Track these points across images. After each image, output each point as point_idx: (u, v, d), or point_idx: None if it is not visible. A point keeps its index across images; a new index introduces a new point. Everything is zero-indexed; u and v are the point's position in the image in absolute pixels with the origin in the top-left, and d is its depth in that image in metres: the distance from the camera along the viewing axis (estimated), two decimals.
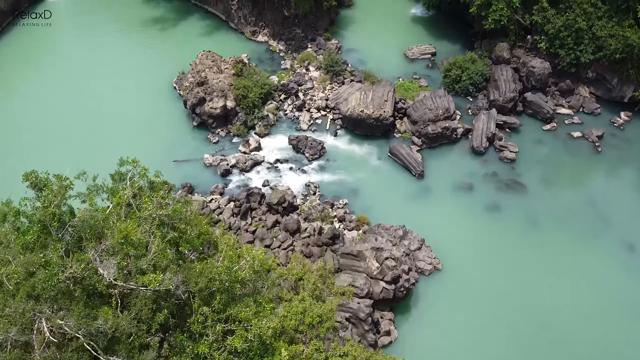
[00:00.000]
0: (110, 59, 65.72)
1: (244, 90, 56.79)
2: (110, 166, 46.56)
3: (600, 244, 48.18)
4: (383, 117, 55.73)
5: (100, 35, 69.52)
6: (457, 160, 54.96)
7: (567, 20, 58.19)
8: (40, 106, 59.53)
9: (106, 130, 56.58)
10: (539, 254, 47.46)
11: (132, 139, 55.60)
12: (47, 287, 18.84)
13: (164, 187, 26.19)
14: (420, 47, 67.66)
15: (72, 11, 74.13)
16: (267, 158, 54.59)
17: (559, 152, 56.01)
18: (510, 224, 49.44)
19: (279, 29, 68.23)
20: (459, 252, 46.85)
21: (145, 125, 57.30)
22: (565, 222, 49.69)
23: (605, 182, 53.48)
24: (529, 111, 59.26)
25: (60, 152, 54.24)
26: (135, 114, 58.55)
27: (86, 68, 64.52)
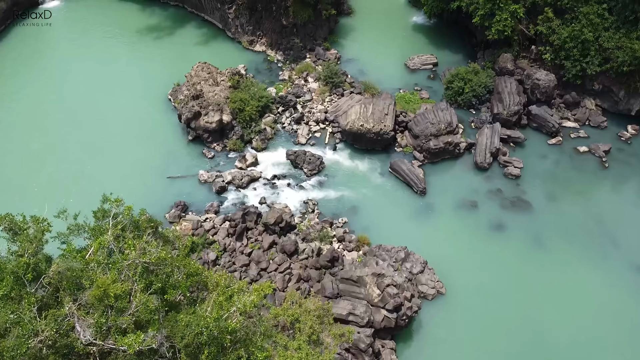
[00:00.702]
0: (103, 69, 63.79)
1: (241, 103, 54.82)
2: (100, 185, 45.20)
3: (608, 265, 46.24)
4: (384, 132, 53.78)
5: (94, 44, 67.60)
6: (460, 176, 53.01)
7: (573, 31, 56.23)
8: (29, 117, 57.63)
9: (98, 143, 54.66)
10: (545, 275, 45.52)
11: (125, 153, 53.76)
12: (16, 356, 16.91)
13: (149, 225, 24.09)
14: (421, 57, 65.70)
15: (65, 18, 72.23)
16: (264, 174, 52.63)
17: (565, 168, 54.05)
18: (515, 244, 47.49)
19: (277, 38, 66.24)
20: (463, 275, 44.91)
21: (139, 139, 55.34)
22: (572, 242, 47.75)
23: (612, 199, 51.49)
24: (534, 124, 57.31)
25: (50, 168, 52.38)
26: (128, 126, 56.58)
27: (78, 78, 62.60)
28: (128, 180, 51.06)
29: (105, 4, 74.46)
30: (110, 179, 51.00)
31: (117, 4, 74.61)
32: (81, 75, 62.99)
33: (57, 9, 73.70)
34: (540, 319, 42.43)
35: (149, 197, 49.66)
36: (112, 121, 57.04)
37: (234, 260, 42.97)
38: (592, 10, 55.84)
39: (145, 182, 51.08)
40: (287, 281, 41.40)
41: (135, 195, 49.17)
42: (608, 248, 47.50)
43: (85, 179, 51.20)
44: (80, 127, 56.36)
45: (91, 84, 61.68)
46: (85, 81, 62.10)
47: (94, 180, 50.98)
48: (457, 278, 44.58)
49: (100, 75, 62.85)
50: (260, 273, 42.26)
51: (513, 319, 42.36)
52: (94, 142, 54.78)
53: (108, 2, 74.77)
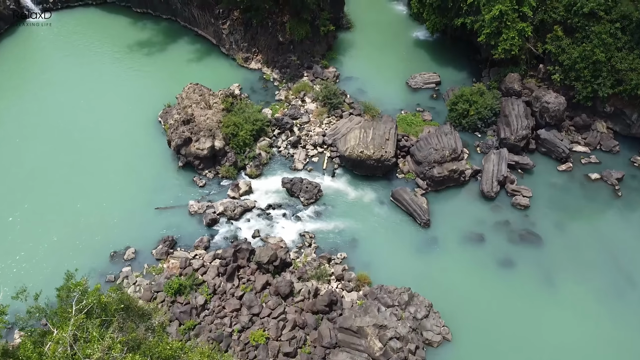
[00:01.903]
0: (91, 87, 60.22)
1: (234, 128, 51.25)
2: (84, 217, 41.65)
3: (623, 305, 42.85)
4: (385, 159, 50.24)
5: (82, 60, 64.06)
6: (466, 205, 49.48)
7: (583, 51, 52.70)
8: (8, 142, 53.86)
9: (83, 170, 51.13)
10: (556, 316, 42.07)
11: (111, 181, 50.22)
12: None
13: (119, 307, 20.54)
14: (423, 76, 62.13)
15: (54, 33, 68.58)
16: (259, 203, 49.06)
17: (576, 197, 50.55)
18: (524, 282, 44.01)
19: (273, 55, 62.65)
20: (470, 317, 41.39)
21: (126, 165, 51.75)
22: (584, 279, 44.29)
23: (626, 232, 47.98)
24: (543, 149, 53.78)
25: (37, 193, 48.79)
26: (115, 151, 53.00)
27: (64, 97, 59.08)
28: (114, 212, 47.57)
29: (96, 18, 70.94)
30: (95, 210, 47.55)
31: (108, 18, 71.06)
32: (67, 94, 59.41)
33: (45, 22, 70.07)
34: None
35: (136, 231, 46.24)
36: (98, 145, 53.46)
37: (224, 305, 39.42)
38: (604, 30, 52.32)
39: (132, 214, 47.51)
40: (282, 328, 37.85)
41: (121, 228, 46.12)
42: (623, 286, 44.08)
43: (68, 210, 47.61)
44: (63, 152, 52.79)
45: (77, 104, 58.12)
46: (71, 100, 58.52)
47: (77, 212, 47.44)
48: (463, 321, 41.05)
49: (88, 94, 59.28)
50: (252, 319, 38.72)
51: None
52: (78, 168, 51.22)
53: (98, 16, 71.26)
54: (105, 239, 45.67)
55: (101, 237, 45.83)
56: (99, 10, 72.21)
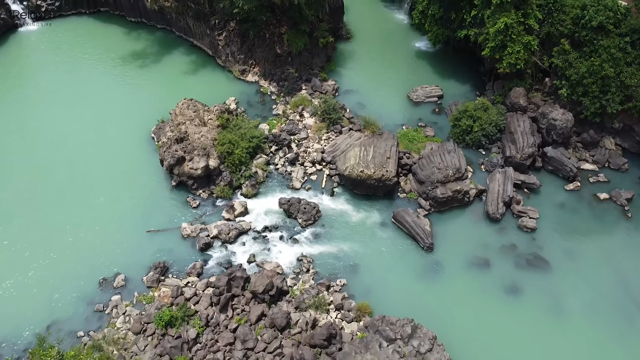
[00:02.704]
0: (82, 101, 57.83)
1: (229, 146, 48.91)
2: (72, 240, 40.31)
3: (635, 333, 40.61)
4: (386, 178, 47.95)
5: (74, 72, 61.63)
6: (470, 227, 47.20)
7: (592, 66, 50.39)
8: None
9: (71, 189, 48.77)
10: (565, 347, 39.87)
11: (101, 202, 47.93)
12: None
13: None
14: (425, 89, 59.79)
15: (45, 42, 66.17)
16: (254, 224, 46.73)
17: (584, 218, 48.28)
18: (531, 311, 41.75)
19: (271, 68, 60.28)
20: (475, 349, 39.17)
21: (117, 184, 49.39)
22: (594, 308, 42.06)
23: (636, 256, 45.72)
24: (549, 167, 51.47)
25: (22, 215, 46.38)
26: (106, 169, 50.63)
27: (54, 111, 56.68)
28: (104, 235, 45.27)
29: (89, 27, 68.50)
30: (84, 233, 45.23)
31: (101, 27, 68.65)
32: (56, 107, 57.00)
33: (37, 32, 67.70)
34: None
35: (126, 255, 43.98)
36: (87, 162, 51.07)
37: (217, 338, 37.11)
38: (613, 44, 50.03)
39: (123, 237, 45.18)
40: None
41: (111, 253, 43.92)
42: (634, 315, 41.83)
43: (55, 233, 45.25)
44: (50, 170, 50.34)
45: (67, 118, 55.68)
46: (61, 115, 56.11)
47: (65, 235, 45.10)
48: (469, 354, 38.81)
49: (78, 108, 56.87)
50: (247, 354, 36.38)
51: None
52: (66, 187, 48.81)
53: (91, 25, 68.84)
54: (95, 264, 43.35)
55: (90, 261, 43.51)
56: (92, 19, 69.81)
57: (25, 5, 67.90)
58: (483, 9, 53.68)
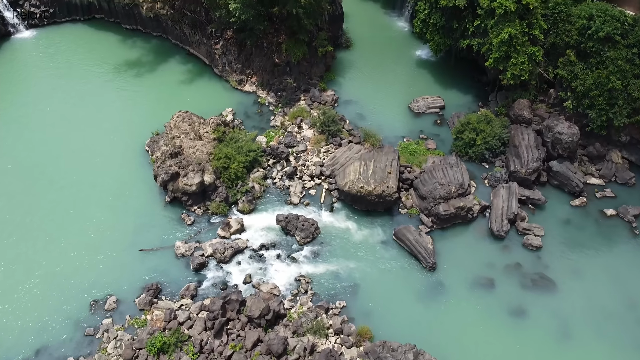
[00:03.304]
0: (75, 111, 56.15)
1: (225, 160, 47.16)
2: (63, 259, 37.65)
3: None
4: (386, 194, 46.22)
5: (67, 81, 59.94)
6: (474, 245, 45.48)
7: (598, 78, 48.66)
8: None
9: (62, 205, 47.02)
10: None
11: (92, 218, 46.20)
12: None
13: None
14: (426, 100, 58.06)
15: (38, 50, 64.47)
16: (251, 242, 45.00)
17: (591, 235, 46.58)
18: (538, 334, 40.06)
19: (269, 77, 58.50)
20: None
21: (109, 200, 47.64)
22: (601, 330, 40.39)
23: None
24: (555, 182, 49.76)
25: (9, 230, 44.55)
26: (98, 183, 48.88)
27: (45, 121, 55.02)
28: (95, 253, 43.57)
29: (83, 34, 66.77)
30: (75, 251, 43.51)
31: (96, 34, 66.91)
32: (48, 117, 55.27)
33: (30, 39, 65.96)
34: None
35: (118, 275, 42.24)
36: (79, 176, 49.30)
37: None
38: (620, 55, 48.28)
39: (115, 255, 43.43)
40: None
41: (103, 272, 42.37)
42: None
43: (44, 251, 43.51)
44: (40, 183, 48.59)
45: (59, 130, 53.90)
46: (53, 126, 54.35)
47: (54, 253, 43.35)
48: None
49: (71, 118, 55.12)
50: None
51: None
52: (56, 202, 47.05)
53: (86, 32, 67.11)
54: (85, 285, 41.59)
55: (81, 282, 41.76)
56: (87, 26, 68.08)
57: (19, 12, 66.09)
58: (486, 18, 51.94)
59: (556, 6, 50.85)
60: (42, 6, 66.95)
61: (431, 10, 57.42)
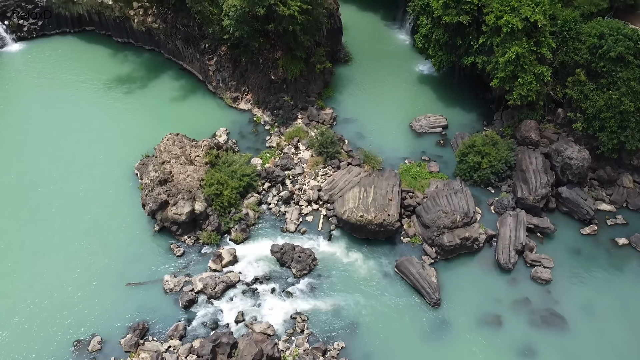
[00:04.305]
0: (63, 128, 53.59)
1: (218, 187, 44.30)
2: (45, 294, 34.71)
3: None
4: (388, 223, 43.34)
5: (55, 97, 57.37)
6: (480, 278, 42.67)
7: (610, 99, 45.85)
8: None
9: (47, 231, 44.40)
10: None
11: (77, 246, 43.55)
12: None
13: None
14: (429, 119, 55.17)
15: (26, 65, 61.53)
16: (244, 275, 42.16)
17: (603, 267, 43.77)
18: None
19: (264, 95, 55.60)
20: None
21: (96, 226, 44.85)
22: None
23: None
24: (564, 209, 46.91)
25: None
26: (84, 208, 46.13)
27: (33, 140, 52.46)
28: (79, 288, 40.78)
29: (73, 48, 63.89)
30: (58, 286, 40.66)
31: (86, 47, 64.04)
32: (34, 138, 52.53)
33: (19, 53, 63.06)
34: None
35: (103, 312, 39.46)
36: (63, 202, 46.51)
37: None
38: (633, 76, 45.48)
39: (100, 291, 40.60)
40: None
41: (87, 309, 39.75)
42: None
43: (25, 285, 40.67)
44: (22, 208, 45.87)
45: (45, 150, 51.25)
46: (38, 146, 51.64)
47: (36, 287, 40.51)
48: None
49: (57, 139, 52.37)
50: None
51: None
52: (38, 230, 44.30)
53: (76, 45, 64.26)
54: (69, 323, 38.75)
55: (64, 320, 38.93)
56: (77, 39, 65.18)
57: (7, 25, 63.15)
58: (491, 36, 49.10)
59: (565, 24, 48.00)
60: (30, 19, 64.11)
61: (433, 26, 54.51)
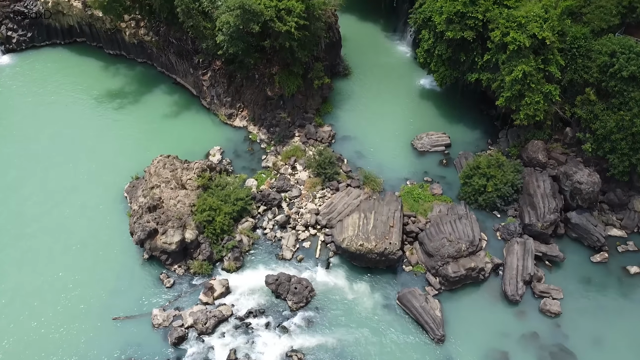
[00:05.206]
0: (50, 148, 51.01)
1: (210, 213, 41.66)
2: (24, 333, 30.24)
3: None
4: (389, 252, 40.71)
5: (44, 112, 54.94)
6: (486, 311, 40.12)
7: (621, 120, 43.23)
8: None
9: (30, 258, 41.99)
10: None
11: (62, 276, 41.01)
12: None
13: None
14: (431, 137, 52.49)
15: (15, 79, 58.84)
16: (237, 307, 39.61)
17: (614, 298, 41.24)
18: None
19: (261, 112, 52.90)
20: None
21: (83, 254, 42.34)
22: None
23: None
24: (573, 234, 44.31)
25: None
26: (70, 234, 43.69)
27: (19, 158, 50.04)
28: (63, 321, 38.20)
29: (63, 60, 61.17)
30: (43, 318, 38.09)
31: (77, 60, 61.29)
32: (21, 155, 50.01)
33: (7, 66, 60.34)
34: None
35: (89, 350, 37.03)
36: (49, 228, 44.03)
37: None
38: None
39: (86, 325, 38.09)
40: None
41: (71, 346, 37.25)
42: None
43: (7, 320, 38.04)
44: (7, 233, 43.37)
45: (31, 168, 48.90)
46: (25, 164, 49.20)
47: (17, 320, 37.85)
48: None
49: (44, 158, 49.83)
50: None
51: None
52: (23, 259, 41.70)
53: (66, 58, 61.54)
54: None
55: (48, 356, 36.24)
56: (68, 50, 62.41)
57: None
58: (497, 53, 46.47)
59: (575, 40, 45.36)
60: (19, 30, 61.29)
61: (436, 40, 51.79)
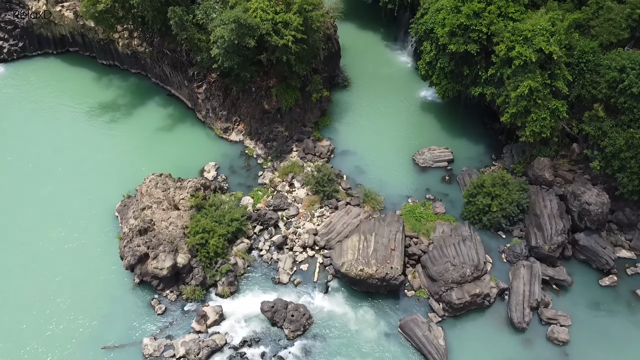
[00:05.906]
0: (40, 163, 48.98)
1: (203, 235, 39.60)
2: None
3: None
4: (390, 277, 38.70)
5: (35, 125, 52.86)
6: (492, 339, 38.17)
7: (631, 138, 41.25)
8: None
9: (14, 282, 39.67)
10: None
11: (50, 302, 38.72)
12: None
13: None
14: (433, 152, 50.45)
15: (6, 90, 56.84)
16: (231, 336, 37.63)
17: (623, 324, 39.28)
18: None
19: (257, 125, 50.87)
20: None
21: (71, 279, 40.32)
22: None
23: None
24: (581, 257, 42.31)
25: None
26: (58, 257, 41.67)
27: (6, 174, 47.54)
28: (52, 350, 35.95)
29: (55, 71, 59.00)
30: (28, 347, 35.96)
31: (69, 70, 59.15)
32: (8, 172, 47.69)
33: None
34: None
35: None
36: (36, 247, 42.03)
37: None
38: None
39: (74, 355, 35.95)
40: None
41: None
42: None
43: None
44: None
45: (19, 185, 46.72)
46: (10, 180, 46.83)
47: (4, 354, 35.72)
48: None
49: (33, 174, 47.84)
50: None
51: None
52: (8, 284, 39.57)
53: (58, 68, 59.39)
54: None
55: None
56: (60, 60, 60.27)
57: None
58: (502, 67, 44.46)
59: (583, 55, 43.36)
60: (10, 39, 59.16)
61: (438, 52, 49.75)
